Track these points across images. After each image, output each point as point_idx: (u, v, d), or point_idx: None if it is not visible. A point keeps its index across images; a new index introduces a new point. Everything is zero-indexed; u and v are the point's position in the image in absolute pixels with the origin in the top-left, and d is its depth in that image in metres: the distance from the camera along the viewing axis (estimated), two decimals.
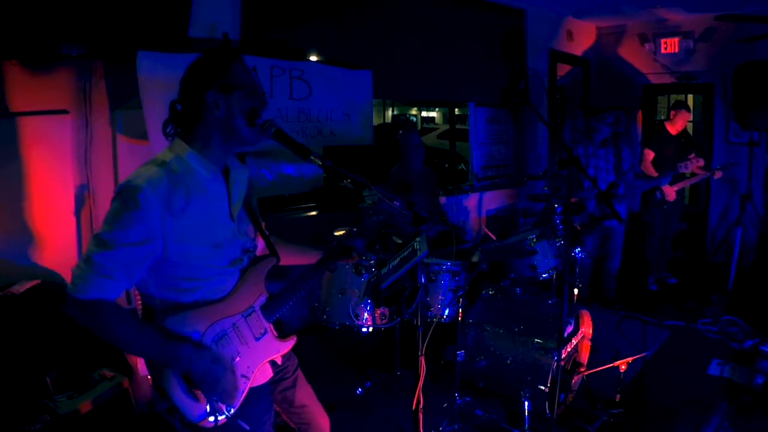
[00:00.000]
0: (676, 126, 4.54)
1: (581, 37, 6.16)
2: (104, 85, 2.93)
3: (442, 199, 4.83)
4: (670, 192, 4.46)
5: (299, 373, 1.87)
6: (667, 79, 5.87)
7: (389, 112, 15.51)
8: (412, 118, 16.47)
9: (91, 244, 1.30)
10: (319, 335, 3.73)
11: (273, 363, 1.67)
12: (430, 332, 2.16)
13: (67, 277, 2.66)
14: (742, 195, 5.00)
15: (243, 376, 1.51)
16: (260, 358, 1.58)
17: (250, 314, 1.56)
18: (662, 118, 6.44)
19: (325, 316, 2.74)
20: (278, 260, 1.66)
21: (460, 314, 2.70)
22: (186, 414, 1.40)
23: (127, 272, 1.30)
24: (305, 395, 1.88)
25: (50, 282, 2.56)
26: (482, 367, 2.83)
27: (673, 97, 6.53)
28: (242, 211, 1.58)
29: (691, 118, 4.62)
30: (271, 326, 1.63)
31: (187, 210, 1.37)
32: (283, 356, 1.73)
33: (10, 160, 2.67)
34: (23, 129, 2.69)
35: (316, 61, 3.76)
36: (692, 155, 4.37)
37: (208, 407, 1.43)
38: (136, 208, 1.29)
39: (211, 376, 1.40)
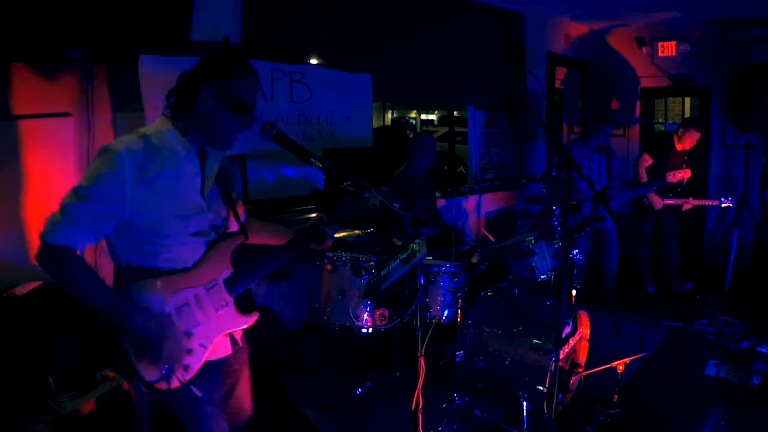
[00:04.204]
0: (683, 144, 4.48)
1: (579, 40, 6.20)
2: (106, 88, 2.96)
3: (441, 201, 4.86)
4: (657, 201, 4.46)
5: (247, 367, 1.91)
6: (665, 82, 5.91)
7: (389, 115, 15.54)
8: (411, 120, 16.50)
9: (68, 195, 1.41)
10: (319, 336, 3.75)
11: (233, 342, 1.73)
12: (429, 333, 2.18)
13: None
14: (738, 197, 5.04)
15: (201, 345, 1.59)
16: (220, 329, 1.64)
17: (212, 287, 1.62)
18: (660, 120, 6.49)
19: (325, 317, 2.76)
20: (246, 238, 1.73)
21: (459, 315, 2.72)
22: (142, 375, 1.50)
23: (94, 226, 1.42)
24: (245, 389, 1.91)
25: (53, 283, 2.58)
26: (481, 368, 2.85)
27: (671, 101, 6.59)
28: (215, 191, 1.66)
29: (698, 137, 4.49)
30: (233, 300, 1.67)
31: (158, 180, 1.47)
32: (241, 343, 1.80)
33: (14, 161, 2.69)
34: (26, 131, 2.72)
35: (317, 65, 3.79)
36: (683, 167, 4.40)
37: (163, 371, 1.50)
38: (112, 169, 1.40)
39: (145, 336, 1.46)
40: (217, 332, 1.63)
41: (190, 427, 1.67)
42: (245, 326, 1.73)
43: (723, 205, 4.37)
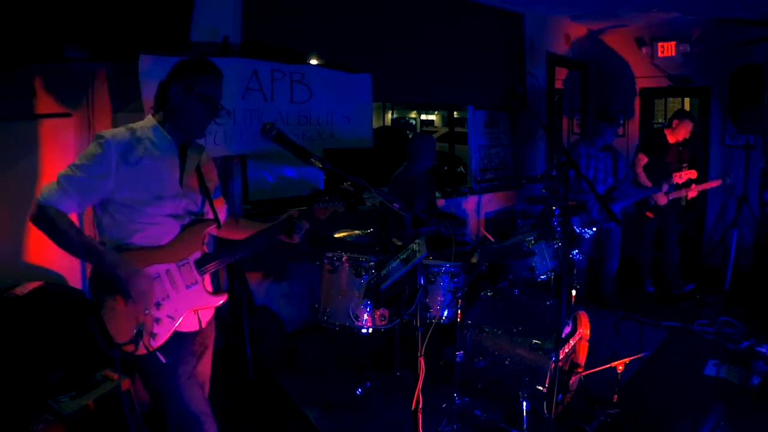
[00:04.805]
0: (677, 135, 4.49)
1: (579, 40, 6.20)
2: (106, 88, 2.96)
3: (441, 201, 4.86)
4: (661, 197, 4.46)
5: (212, 344, 2.06)
6: (664, 83, 5.91)
7: (389, 115, 15.55)
8: (411, 121, 16.51)
9: (65, 169, 1.67)
10: (319, 336, 3.75)
11: (200, 321, 1.89)
12: (429, 333, 2.18)
13: (71, 279, 2.70)
14: (738, 197, 5.04)
15: (169, 316, 1.76)
16: (188, 304, 1.81)
17: (183, 265, 1.81)
18: (659, 121, 6.49)
19: (325, 317, 2.77)
20: (219, 226, 1.94)
21: (459, 315, 2.72)
22: (113, 336, 1.69)
23: (81, 196, 1.66)
24: (206, 362, 2.05)
25: (53, 283, 2.58)
26: (481, 368, 2.85)
27: (671, 102, 6.59)
28: (194, 181, 1.88)
29: (692, 128, 4.53)
30: (203, 279, 1.85)
31: (139, 163, 1.71)
32: (208, 325, 1.95)
33: (14, 162, 2.69)
34: (28, 131, 2.72)
35: (317, 65, 3.79)
36: (685, 165, 4.40)
37: (132, 335, 1.68)
38: (100, 151, 1.67)
39: (124, 279, 1.65)
40: (185, 307, 1.80)
41: (160, 393, 1.82)
42: (213, 305, 1.89)
43: (727, 183, 4.46)
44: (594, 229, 3.56)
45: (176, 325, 1.78)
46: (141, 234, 1.74)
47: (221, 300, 1.90)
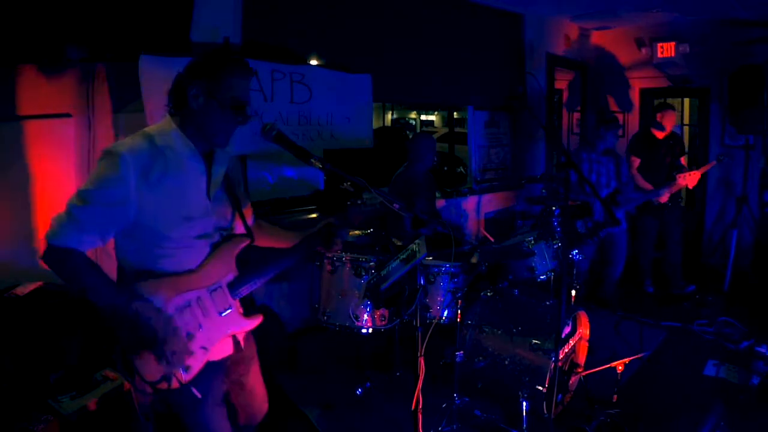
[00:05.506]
0: (665, 126, 4.52)
1: (579, 41, 6.21)
2: (107, 88, 2.96)
3: (441, 202, 4.86)
4: (663, 196, 4.47)
5: (256, 360, 1.92)
6: (664, 83, 5.91)
7: (389, 116, 15.53)
8: (411, 121, 16.50)
9: (73, 197, 1.42)
10: (319, 336, 3.75)
11: (236, 342, 1.72)
12: (429, 333, 2.18)
13: None
14: (737, 197, 5.04)
15: (202, 347, 1.57)
16: (222, 332, 1.64)
17: (215, 289, 1.61)
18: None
19: (325, 317, 2.77)
20: (252, 241, 1.72)
21: (458, 315, 2.72)
22: (143, 374, 1.50)
23: (100, 229, 1.42)
24: (256, 381, 1.93)
25: (54, 284, 2.58)
26: (481, 368, 2.85)
27: (670, 102, 6.59)
28: (221, 193, 1.66)
29: (677, 117, 4.61)
30: (237, 303, 1.67)
31: (162, 182, 1.46)
32: (246, 339, 1.79)
33: (15, 162, 2.69)
34: (28, 132, 2.72)
35: (317, 65, 3.79)
36: (684, 163, 4.40)
37: (164, 371, 1.50)
38: (115, 171, 1.39)
39: (149, 329, 1.44)
40: (219, 334, 1.63)
41: (191, 426, 1.67)
42: (248, 329, 1.73)
43: (724, 161, 4.61)
44: (601, 234, 3.54)
45: (210, 354, 1.61)
46: (168, 259, 1.53)
47: (256, 322, 1.72)
